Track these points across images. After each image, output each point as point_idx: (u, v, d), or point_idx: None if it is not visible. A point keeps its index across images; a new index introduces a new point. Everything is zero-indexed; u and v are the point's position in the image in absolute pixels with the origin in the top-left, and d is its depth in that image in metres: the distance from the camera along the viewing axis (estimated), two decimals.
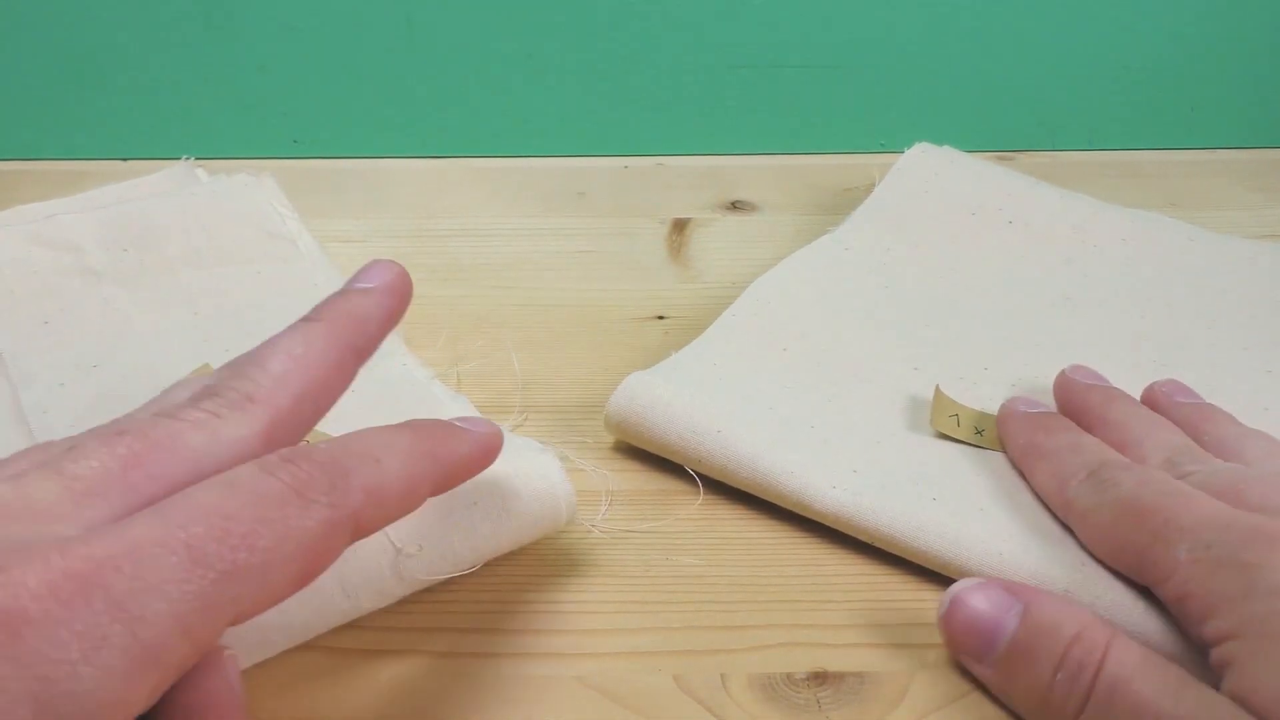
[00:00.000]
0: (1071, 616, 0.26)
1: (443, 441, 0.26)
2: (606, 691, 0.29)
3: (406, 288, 0.29)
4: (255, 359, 0.25)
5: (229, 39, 0.54)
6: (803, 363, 0.38)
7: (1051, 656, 0.26)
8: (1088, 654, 0.25)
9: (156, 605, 0.19)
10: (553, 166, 0.56)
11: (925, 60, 0.56)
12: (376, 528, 0.24)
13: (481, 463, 0.28)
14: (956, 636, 0.28)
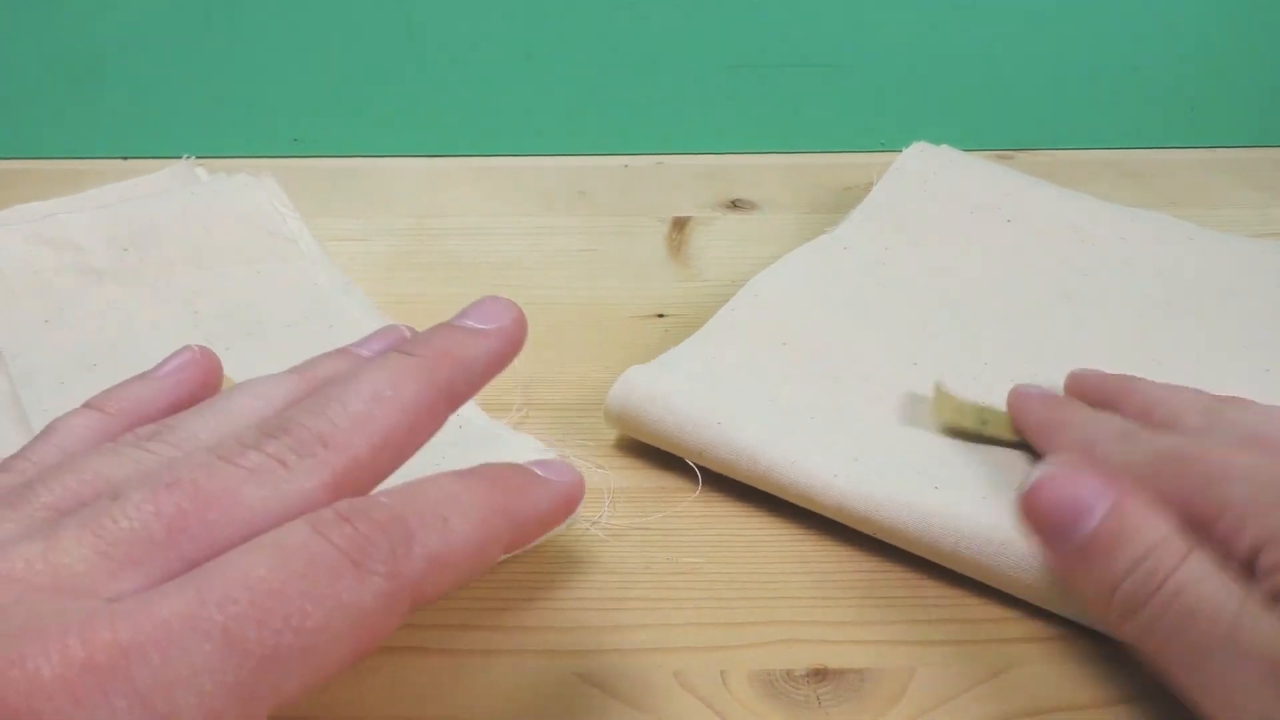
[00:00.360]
0: (1157, 524, 0.25)
1: (520, 494, 0.23)
2: (607, 688, 0.29)
3: (521, 334, 0.26)
4: (338, 395, 0.22)
5: (229, 38, 0.54)
6: (802, 356, 0.38)
7: (1127, 559, 0.24)
8: (1161, 564, 0.24)
9: (186, 699, 0.17)
10: (553, 165, 0.56)
11: (924, 59, 0.56)
12: (440, 595, 0.21)
13: (559, 517, 0.25)
14: (1039, 513, 0.26)
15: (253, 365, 0.38)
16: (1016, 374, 0.38)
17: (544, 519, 0.24)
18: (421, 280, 0.47)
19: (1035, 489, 0.26)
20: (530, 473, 0.24)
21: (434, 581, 0.20)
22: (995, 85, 0.57)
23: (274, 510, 0.20)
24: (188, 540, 0.19)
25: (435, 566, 0.20)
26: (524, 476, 0.24)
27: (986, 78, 0.56)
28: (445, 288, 0.46)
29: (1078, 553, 0.26)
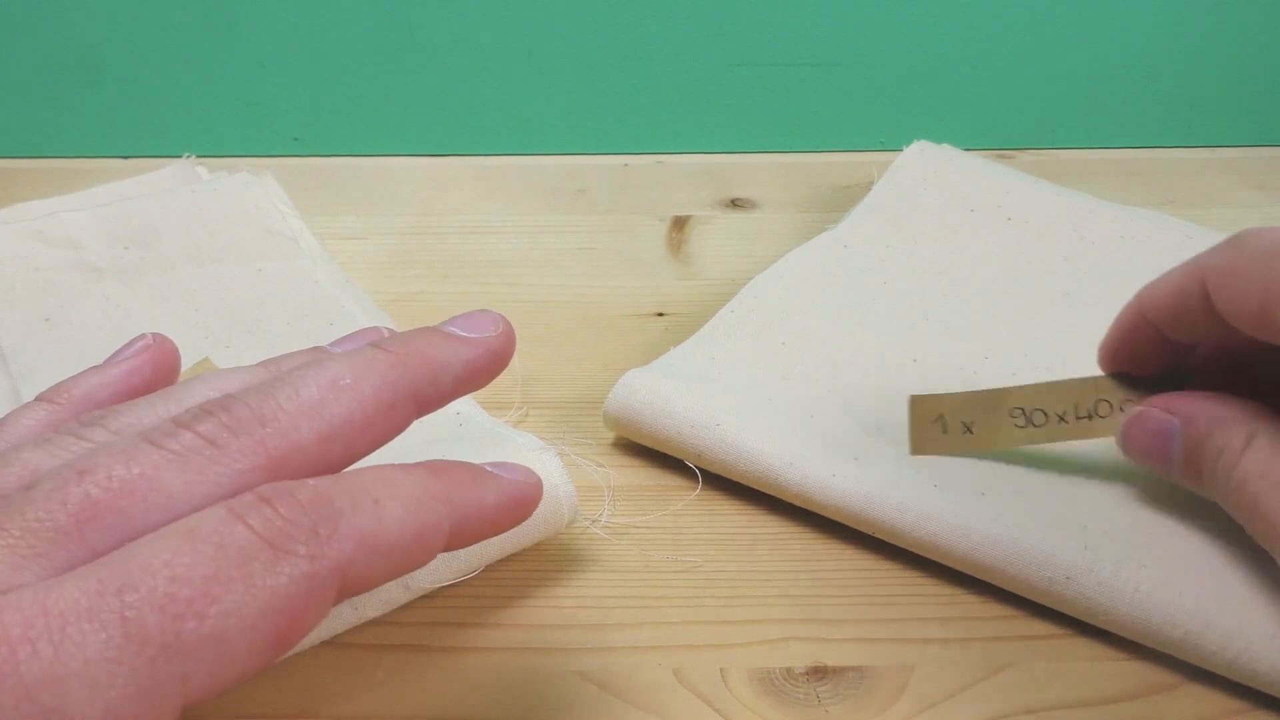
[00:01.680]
0: (1222, 424, 0.28)
1: (465, 485, 0.22)
2: (606, 686, 0.29)
3: (504, 350, 0.25)
4: (291, 380, 0.21)
5: (230, 37, 0.54)
6: (801, 356, 0.38)
7: (1212, 450, 0.28)
8: (1229, 446, 0.28)
9: (78, 693, 0.16)
10: (553, 164, 0.56)
11: (924, 58, 0.56)
12: (373, 583, 0.20)
13: (512, 516, 0.23)
14: (1135, 454, 0.31)
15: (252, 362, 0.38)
16: (1016, 371, 0.38)
17: (490, 514, 0.23)
18: (421, 279, 0.47)
19: (1124, 435, 0.31)
20: (479, 468, 0.23)
21: (364, 565, 0.19)
22: (995, 84, 0.57)
23: (199, 495, 0.19)
24: (98, 530, 0.18)
25: (364, 549, 0.19)
26: (471, 470, 0.23)
27: (986, 77, 0.56)
28: (445, 286, 0.46)
29: (1181, 466, 0.29)
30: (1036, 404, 0.32)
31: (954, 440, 0.32)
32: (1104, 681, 0.29)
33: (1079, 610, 0.30)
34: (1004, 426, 0.32)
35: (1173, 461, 0.29)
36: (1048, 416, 0.31)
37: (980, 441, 0.32)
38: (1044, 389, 0.32)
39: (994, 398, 0.32)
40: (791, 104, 0.57)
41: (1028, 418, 0.32)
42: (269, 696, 0.28)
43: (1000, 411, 0.32)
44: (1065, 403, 0.31)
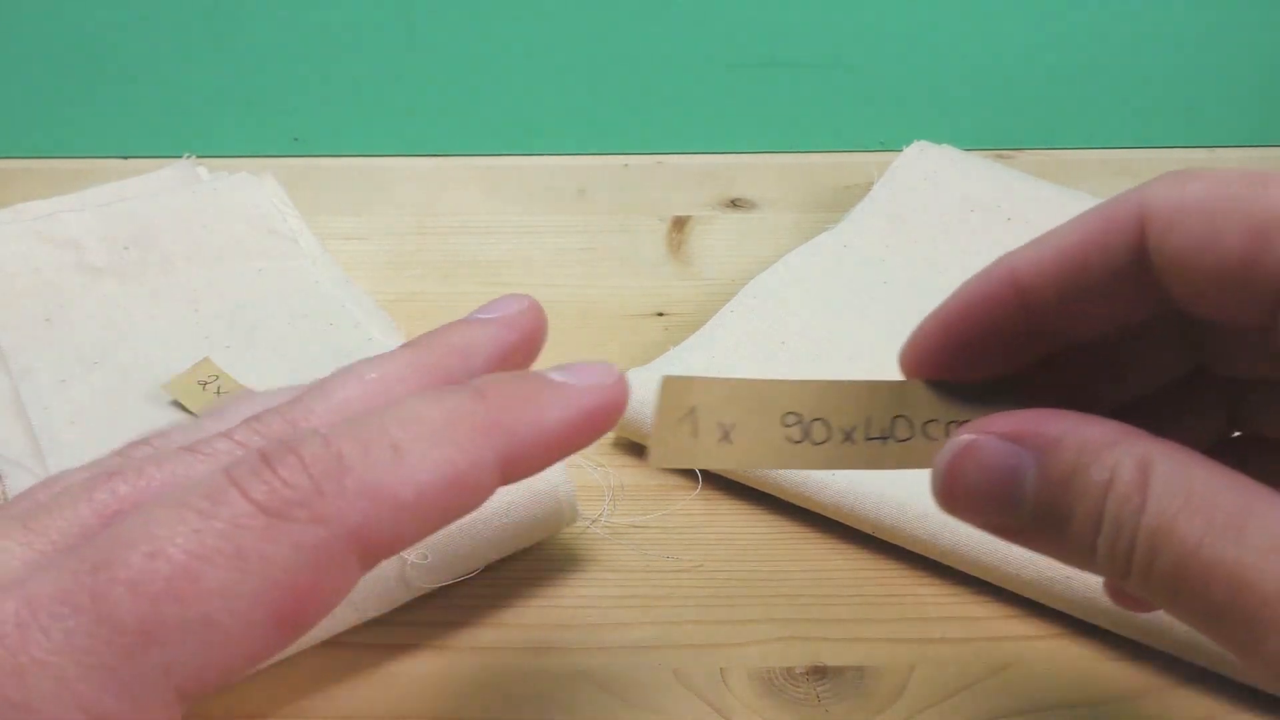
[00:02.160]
0: (1101, 453, 0.18)
1: (513, 406, 0.18)
2: (607, 686, 0.29)
3: (531, 324, 0.23)
4: (322, 385, 0.20)
5: (230, 37, 0.54)
6: (801, 356, 0.38)
7: (1088, 515, 0.18)
8: (1125, 505, 0.18)
9: (41, 685, 0.14)
10: (553, 165, 0.56)
11: (924, 58, 0.56)
12: (407, 541, 0.17)
13: (587, 432, 0.20)
14: (962, 501, 0.20)
15: (253, 363, 0.38)
16: None
17: (555, 435, 0.19)
18: (422, 279, 0.47)
19: (946, 476, 0.20)
20: (538, 378, 0.19)
21: (387, 525, 0.17)
22: (995, 85, 0.57)
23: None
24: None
25: (383, 506, 0.17)
26: (527, 384, 0.19)
27: (986, 77, 0.56)
28: (445, 286, 0.46)
29: (1031, 538, 0.20)
30: (818, 410, 0.23)
31: (705, 448, 0.22)
32: (1104, 681, 0.29)
33: (1079, 610, 0.30)
34: (773, 437, 0.22)
35: (1020, 509, 0.19)
36: (830, 431, 0.23)
37: (739, 454, 0.22)
38: (830, 389, 0.23)
39: (765, 392, 0.23)
40: (791, 104, 0.57)
41: (805, 430, 0.23)
42: (267, 696, 0.28)
43: (771, 414, 0.23)
44: (856, 413, 0.23)
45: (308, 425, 0.19)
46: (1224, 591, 0.16)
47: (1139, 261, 0.19)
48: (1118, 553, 0.18)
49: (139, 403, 0.36)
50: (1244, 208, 0.18)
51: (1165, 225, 0.19)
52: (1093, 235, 0.20)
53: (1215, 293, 0.19)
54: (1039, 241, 0.21)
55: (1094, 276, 0.20)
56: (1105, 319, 0.21)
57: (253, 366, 0.38)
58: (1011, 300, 0.21)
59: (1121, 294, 0.20)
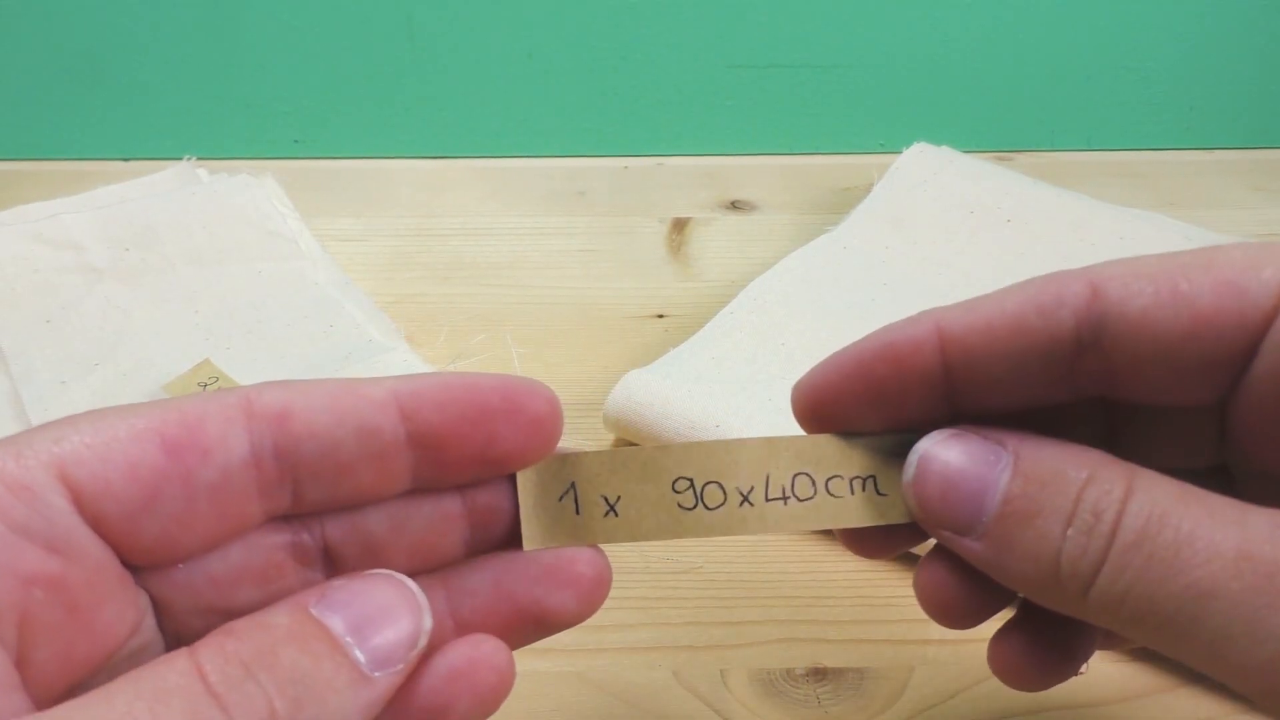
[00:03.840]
0: (1079, 457, 0.19)
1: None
2: (606, 687, 0.29)
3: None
4: None
5: (230, 39, 0.54)
6: (801, 357, 0.39)
7: (1059, 510, 0.18)
8: (1105, 496, 0.18)
9: None
10: (553, 166, 0.56)
11: (924, 60, 0.56)
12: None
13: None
14: (932, 505, 0.20)
15: (253, 364, 0.38)
16: None
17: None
18: (421, 280, 0.47)
19: (918, 479, 0.20)
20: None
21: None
22: (995, 86, 0.57)
23: None
24: None
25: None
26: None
27: (986, 79, 0.56)
28: (445, 288, 0.46)
29: (996, 533, 0.19)
30: (711, 473, 0.21)
31: (587, 524, 0.21)
32: (1104, 683, 0.29)
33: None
34: (663, 505, 0.21)
35: (988, 506, 0.19)
36: (725, 493, 0.21)
37: (626, 527, 0.21)
38: (722, 448, 0.21)
39: (651, 459, 0.21)
40: (791, 106, 0.57)
41: (697, 494, 0.21)
42: None
43: (659, 481, 0.21)
44: (753, 473, 0.21)
45: None
46: (1226, 567, 0.17)
47: (1083, 333, 0.19)
48: (1090, 551, 0.18)
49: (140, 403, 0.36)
50: (1205, 266, 0.18)
51: (1124, 288, 0.19)
52: (1034, 300, 0.19)
53: (1179, 356, 0.19)
54: (973, 300, 0.20)
55: (1030, 342, 0.19)
56: (1030, 392, 0.20)
57: (253, 368, 0.38)
58: (931, 353, 0.20)
59: (1054, 367, 0.19)
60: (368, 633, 0.18)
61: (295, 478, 0.19)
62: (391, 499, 0.20)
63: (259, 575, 0.19)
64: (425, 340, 0.42)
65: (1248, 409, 0.19)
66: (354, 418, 0.19)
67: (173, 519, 0.18)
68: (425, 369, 0.38)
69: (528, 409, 0.20)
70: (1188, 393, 0.19)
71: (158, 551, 0.18)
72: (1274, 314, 0.18)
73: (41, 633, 0.17)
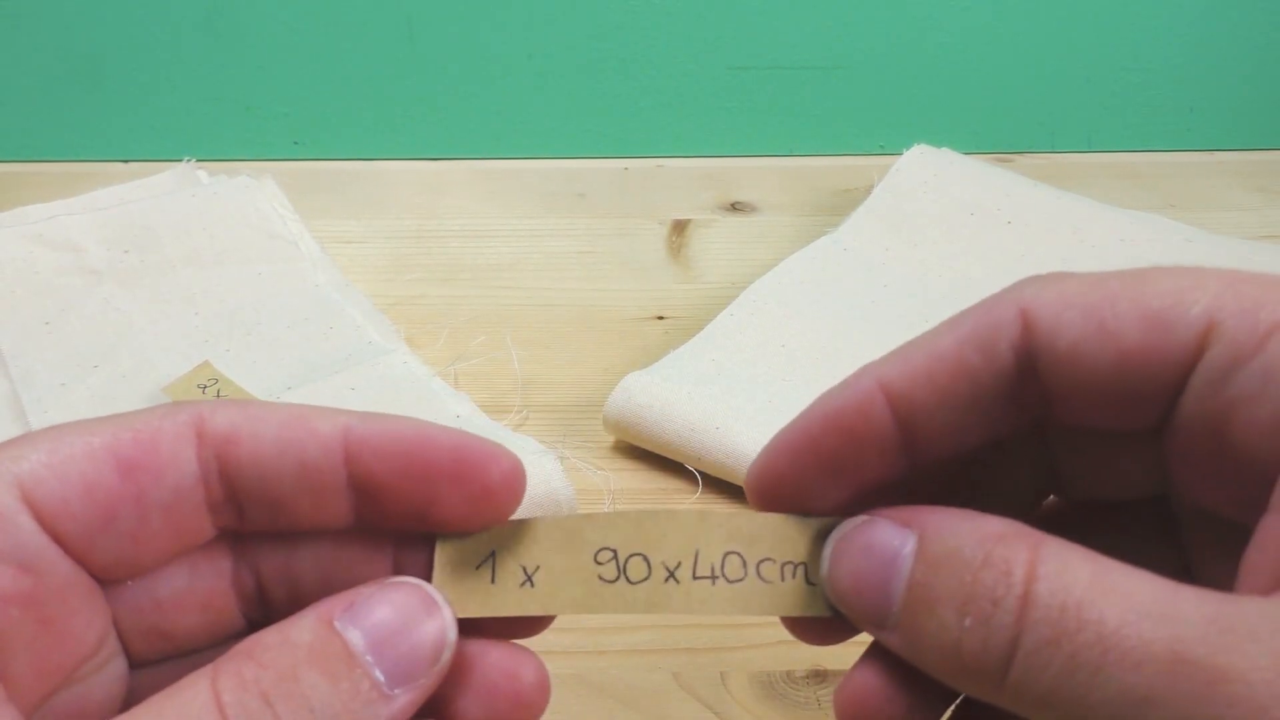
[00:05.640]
0: (979, 533, 0.17)
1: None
2: (606, 689, 0.29)
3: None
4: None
5: (229, 41, 0.54)
6: (801, 359, 0.38)
7: (954, 596, 0.17)
8: (1003, 580, 0.16)
9: None
10: (553, 168, 0.56)
11: (924, 62, 0.56)
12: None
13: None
14: (847, 599, 0.19)
15: (253, 365, 0.38)
16: None
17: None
18: (421, 282, 0.47)
19: (830, 574, 0.19)
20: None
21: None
22: (995, 88, 0.57)
23: None
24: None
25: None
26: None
27: (986, 81, 0.56)
28: (445, 289, 0.46)
29: (903, 624, 0.18)
30: (635, 544, 0.21)
31: (502, 595, 0.20)
32: None
33: None
34: (582, 577, 0.20)
35: (893, 612, 0.18)
36: (650, 567, 0.20)
37: (541, 598, 0.20)
38: (650, 519, 0.20)
39: (573, 528, 0.21)
40: (791, 108, 0.57)
41: (620, 566, 0.21)
42: None
43: (580, 552, 0.21)
44: (681, 547, 0.20)
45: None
46: (1162, 673, 0.15)
47: (1021, 364, 0.18)
48: (991, 643, 0.16)
49: (139, 405, 0.36)
50: (1133, 299, 0.18)
51: (1053, 320, 0.18)
52: (970, 338, 0.19)
53: (1108, 390, 0.18)
54: (907, 347, 0.19)
55: (973, 382, 0.19)
56: (980, 431, 0.19)
57: (252, 369, 0.38)
58: (879, 411, 0.19)
59: (1000, 401, 0.19)
60: (389, 648, 0.18)
61: (237, 500, 0.19)
62: (327, 538, 0.20)
63: (201, 602, 0.19)
64: (425, 342, 0.42)
65: (1176, 444, 0.18)
66: (296, 452, 0.18)
67: (127, 537, 0.18)
68: (425, 371, 0.38)
69: (479, 476, 0.19)
70: (1121, 420, 0.19)
71: (114, 568, 0.18)
72: (1198, 354, 0.17)
73: (18, 647, 0.17)
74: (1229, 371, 0.17)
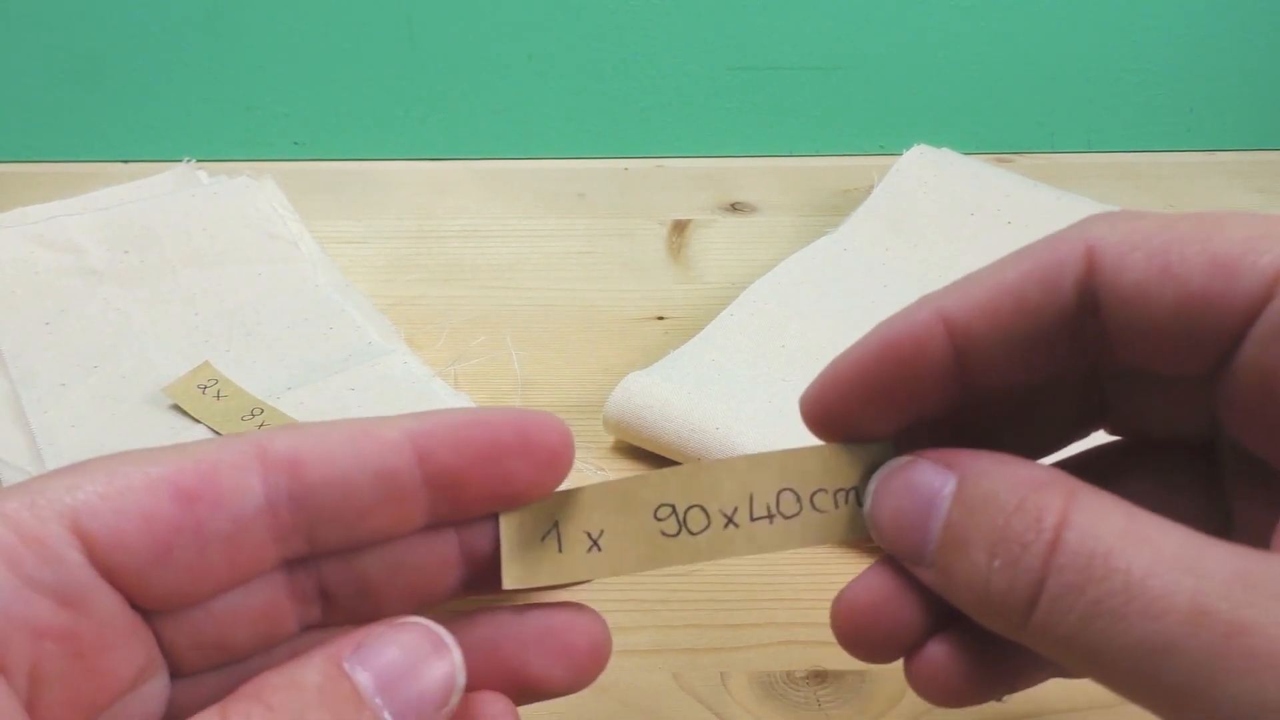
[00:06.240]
0: (1015, 479, 0.18)
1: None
2: (606, 689, 0.29)
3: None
4: None
5: (230, 41, 0.54)
6: (801, 359, 0.39)
7: (986, 539, 0.18)
8: (1033, 526, 0.17)
9: None
10: (553, 168, 0.56)
11: (924, 62, 0.56)
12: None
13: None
14: (887, 536, 0.20)
15: (253, 366, 0.38)
16: None
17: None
18: (421, 282, 0.47)
19: (873, 511, 0.20)
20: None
21: None
22: (995, 88, 0.57)
23: None
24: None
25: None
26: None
27: (986, 81, 0.56)
28: (445, 290, 0.46)
29: (939, 561, 0.19)
30: (692, 497, 0.21)
31: (571, 562, 0.21)
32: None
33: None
34: (646, 534, 0.21)
35: (929, 550, 0.19)
36: (709, 516, 0.21)
37: (610, 561, 0.21)
38: (702, 470, 0.21)
39: (629, 489, 0.21)
40: (791, 108, 0.57)
41: (680, 520, 0.21)
42: None
43: (640, 511, 0.21)
44: (736, 493, 0.21)
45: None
46: (1182, 623, 0.15)
47: (1084, 302, 0.18)
48: (1017, 586, 0.17)
49: (139, 406, 0.36)
50: (1202, 243, 0.18)
51: (1118, 260, 0.18)
52: (1034, 273, 0.19)
53: (1170, 332, 0.18)
54: (969, 280, 0.20)
55: (1034, 317, 0.19)
56: (1035, 367, 0.19)
57: (252, 370, 0.38)
58: (938, 342, 0.19)
59: (1058, 339, 0.19)
60: (398, 690, 0.18)
61: (310, 523, 0.19)
62: (390, 542, 0.20)
63: (257, 615, 0.19)
64: (425, 342, 0.42)
65: (1232, 391, 0.18)
66: (371, 462, 0.18)
67: (185, 569, 0.18)
68: (425, 371, 0.38)
69: (543, 444, 0.19)
70: (1179, 364, 0.19)
71: (169, 599, 0.18)
72: (1263, 303, 0.17)
73: (51, 680, 0.17)
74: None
